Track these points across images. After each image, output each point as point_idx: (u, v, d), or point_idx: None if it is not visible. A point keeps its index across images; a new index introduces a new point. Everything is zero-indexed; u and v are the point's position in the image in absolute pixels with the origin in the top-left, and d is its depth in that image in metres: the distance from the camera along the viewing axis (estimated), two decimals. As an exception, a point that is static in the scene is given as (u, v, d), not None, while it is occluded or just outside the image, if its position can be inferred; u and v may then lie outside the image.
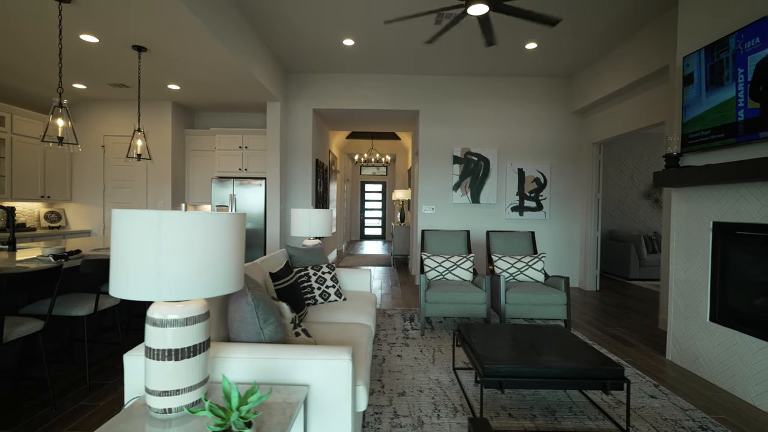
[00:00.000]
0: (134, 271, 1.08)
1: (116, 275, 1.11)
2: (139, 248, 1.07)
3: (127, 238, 1.08)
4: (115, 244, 1.12)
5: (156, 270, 1.07)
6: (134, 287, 1.08)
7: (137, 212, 1.07)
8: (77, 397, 2.36)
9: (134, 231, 1.07)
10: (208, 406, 1.01)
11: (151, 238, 1.07)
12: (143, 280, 1.07)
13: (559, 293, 3.60)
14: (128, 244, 1.08)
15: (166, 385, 1.16)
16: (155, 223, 1.06)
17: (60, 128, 2.82)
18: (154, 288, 1.07)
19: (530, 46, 4.82)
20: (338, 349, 1.49)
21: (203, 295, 1.12)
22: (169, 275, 1.07)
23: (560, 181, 5.98)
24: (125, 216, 1.09)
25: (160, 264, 1.07)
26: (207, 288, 1.13)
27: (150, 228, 1.07)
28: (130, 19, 3.10)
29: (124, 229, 1.09)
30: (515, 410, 2.27)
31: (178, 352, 1.17)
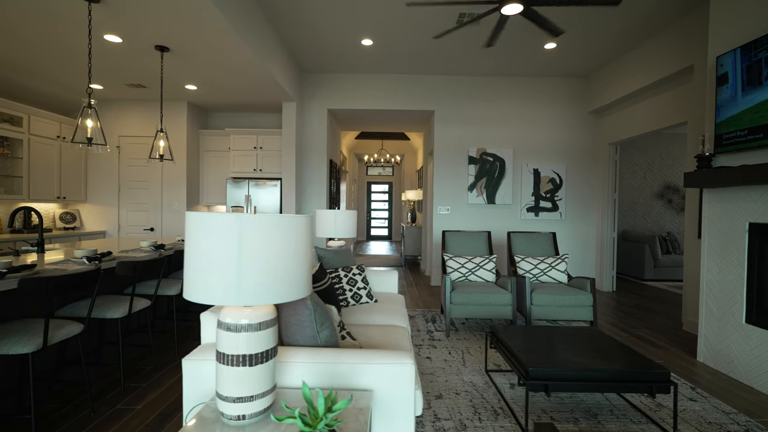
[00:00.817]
0: (214, 275, 1.05)
1: (193, 279, 1.09)
2: (219, 252, 1.05)
3: (205, 242, 1.06)
4: (191, 248, 1.10)
5: (237, 274, 1.04)
6: (214, 292, 1.05)
7: (217, 216, 1.05)
8: (113, 400, 2.34)
9: (214, 235, 1.05)
10: (298, 414, 0.98)
11: (232, 241, 1.04)
12: (223, 285, 1.05)
13: (585, 294, 3.58)
14: (206, 248, 1.06)
15: (241, 391, 1.14)
16: (235, 226, 1.04)
17: (89, 129, 2.80)
18: (235, 293, 1.05)
19: (549, 46, 4.80)
20: (399, 353, 1.47)
21: (281, 299, 1.10)
22: (249, 279, 1.05)
23: (576, 182, 5.96)
24: (203, 219, 1.06)
25: (241, 268, 1.05)
26: (284, 292, 1.11)
27: (230, 231, 1.04)
28: (156, 18, 3.08)
29: (202, 233, 1.07)
30: (556, 413, 2.25)
31: (252, 358, 1.15)
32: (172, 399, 2.37)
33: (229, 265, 1.04)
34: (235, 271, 1.04)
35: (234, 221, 1.04)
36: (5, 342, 1.79)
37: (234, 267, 1.04)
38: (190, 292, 1.11)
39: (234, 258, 1.04)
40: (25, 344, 1.80)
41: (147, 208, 5.68)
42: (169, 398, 2.38)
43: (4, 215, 4.74)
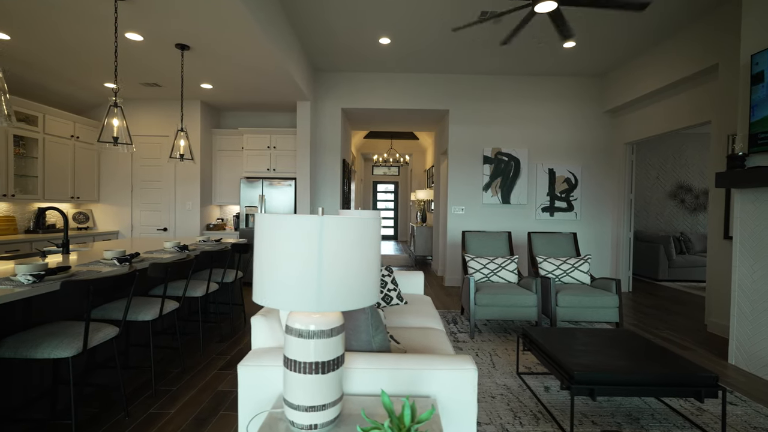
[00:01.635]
0: (291, 279, 1.01)
1: (266, 283, 1.05)
2: (298, 256, 1.01)
3: (282, 245, 1.02)
4: (263, 251, 1.06)
5: (317, 279, 1.01)
6: (292, 297, 1.01)
7: (297, 218, 1.02)
8: (145, 404, 2.31)
9: (293, 237, 1.01)
10: (387, 426, 0.95)
11: (313, 245, 1.00)
12: (303, 290, 1.01)
13: (611, 296, 3.54)
14: (283, 251, 1.02)
15: (313, 399, 1.10)
16: (317, 228, 1.00)
17: (115, 128, 2.76)
18: (315, 298, 1.01)
19: (568, 45, 4.76)
20: (460, 358, 1.43)
21: (358, 304, 1.07)
22: (329, 284, 1.01)
23: (591, 182, 5.92)
24: (282, 221, 1.03)
25: (322, 272, 1.01)
26: (361, 297, 1.07)
27: (311, 234, 1.00)
28: (180, 16, 3.04)
29: (279, 235, 1.03)
30: (597, 417, 2.22)
31: (324, 365, 1.11)
32: (205, 403, 2.33)
33: (309, 269, 1.01)
34: (315, 275, 1.01)
35: (315, 223, 1.00)
36: (45, 346, 1.75)
37: (314, 271, 1.00)
38: (261, 297, 1.07)
39: (314, 262, 1.01)
40: (65, 348, 1.76)
41: (160, 208, 5.64)
42: (201, 402, 2.34)
43: (19, 216, 4.70)
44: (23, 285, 1.75)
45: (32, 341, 1.77)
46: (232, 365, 2.89)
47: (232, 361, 2.97)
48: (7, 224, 4.47)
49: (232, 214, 6.27)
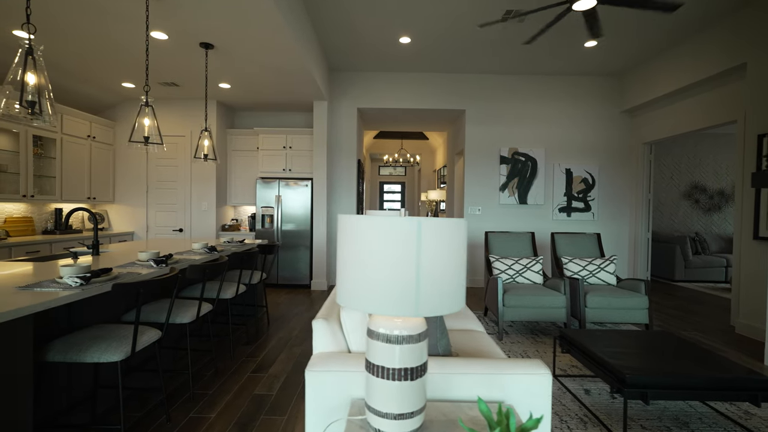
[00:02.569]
0: (388, 284, 0.98)
1: (357, 287, 1.01)
2: (393, 259, 0.97)
3: (375, 248, 0.99)
4: (351, 254, 1.02)
5: (416, 283, 0.97)
6: (388, 301, 0.98)
7: (393, 220, 0.98)
8: (184, 407, 2.27)
9: (388, 240, 0.98)
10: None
11: (410, 247, 0.97)
12: (401, 294, 0.97)
13: (640, 297, 3.51)
14: (376, 254, 0.99)
15: (401, 407, 1.07)
16: (415, 231, 0.97)
17: (146, 128, 2.72)
18: (414, 303, 0.97)
19: (589, 45, 4.73)
20: (533, 362, 1.39)
21: (452, 309, 1.03)
22: (427, 288, 0.98)
23: (608, 182, 5.89)
24: (373, 223, 0.99)
25: (420, 276, 0.97)
26: (454, 301, 1.03)
27: (409, 237, 0.97)
28: (208, 14, 3.00)
29: (371, 238, 0.99)
30: (644, 421, 2.18)
31: (412, 372, 1.07)
32: (244, 407, 2.29)
33: (407, 272, 0.97)
34: (413, 279, 0.97)
35: (414, 225, 0.97)
36: (94, 350, 1.71)
37: (413, 275, 0.97)
38: (349, 300, 1.04)
39: (413, 265, 0.97)
40: (114, 352, 1.72)
41: (175, 209, 5.60)
42: (239, 406, 2.30)
43: (37, 216, 4.66)
44: (72, 287, 1.71)
45: (80, 345, 1.73)
46: (264, 368, 2.85)
47: (262, 363, 2.94)
48: (25, 225, 4.43)
49: (246, 214, 6.23)
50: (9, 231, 4.19)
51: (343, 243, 1.07)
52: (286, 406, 2.30)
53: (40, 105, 1.87)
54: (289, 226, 5.61)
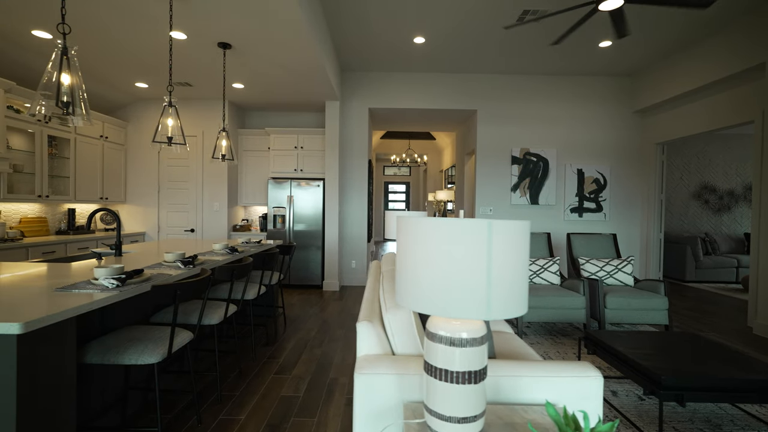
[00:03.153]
0: (458, 286, 0.97)
1: (422, 289, 1.01)
2: (465, 261, 0.96)
3: (443, 250, 0.98)
4: (419, 255, 1.01)
5: (486, 285, 0.96)
6: (459, 304, 0.97)
7: (462, 221, 0.97)
8: (213, 409, 2.26)
9: (458, 242, 0.97)
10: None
11: (481, 249, 0.96)
12: (471, 297, 0.96)
13: (660, 297, 3.50)
14: (444, 256, 0.98)
15: (465, 410, 1.06)
16: (485, 232, 0.96)
17: (170, 128, 2.71)
18: (485, 305, 0.96)
19: (604, 45, 4.72)
20: (581, 364, 1.38)
21: (519, 312, 1.02)
22: (498, 291, 0.97)
23: (620, 182, 5.88)
24: (440, 225, 0.98)
25: (491, 278, 0.96)
26: (520, 304, 1.02)
27: (480, 238, 0.96)
28: (230, 14, 2.99)
29: (438, 239, 0.98)
30: (676, 423, 2.17)
31: (476, 374, 1.06)
32: (273, 408, 2.28)
33: (479, 275, 0.96)
34: (485, 281, 0.96)
35: (484, 227, 0.96)
36: (132, 351, 1.70)
37: (483, 277, 0.96)
38: (414, 303, 1.03)
39: (483, 267, 0.96)
40: (151, 354, 1.71)
41: (187, 209, 5.59)
42: (268, 407, 2.29)
43: (50, 216, 4.65)
44: (109, 289, 1.70)
45: (118, 347, 1.72)
46: (286, 369, 2.84)
47: (285, 365, 2.92)
48: (39, 225, 4.42)
49: (256, 215, 6.22)
50: (24, 231, 4.18)
51: (406, 245, 1.06)
52: (314, 408, 2.29)
53: (73, 104, 1.86)
54: (300, 227, 5.60)
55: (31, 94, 4.01)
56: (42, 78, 1.78)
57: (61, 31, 1.80)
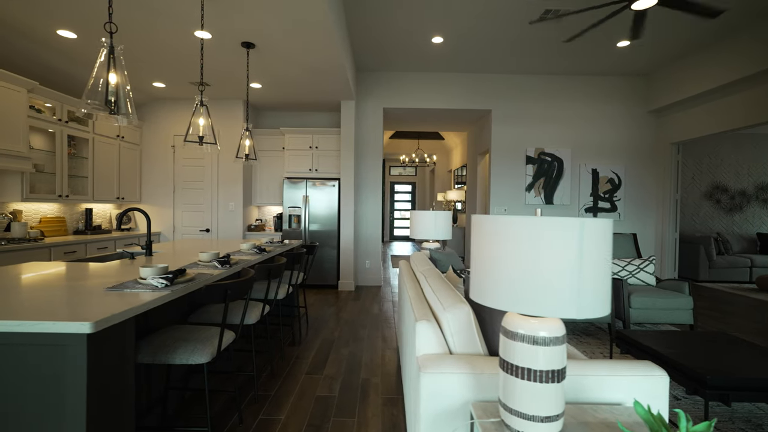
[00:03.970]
0: (548, 285, 0.96)
1: (512, 289, 1.00)
2: (556, 260, 0.96)
3: (533, 248, 0.97)
4: (504, 254, 1.01)
5: (578, 283, 0.96)
6: (546, 302, 0.96)
7: (552, 220, 0.97)
8: (251, 409, 2.25)
9: (548, 240, 0.96)
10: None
11: (573, 247, 0.95)
12: (562, 295, 0.96)
13: (684, 297, 3.50)
14: (533, 254, 0.97)
15: (548, 409, 1.05)
16: (577, 231, 0.95)
17: (201, 127, 2.70)
18: (575, 304, 0.96)
19: (622, 44, 4.72)
20: (645, 363, 1.38)
21: (605, 311, 1.01)
22: (588, 289, 0.96)
23: (635, 182, 5.88)
24: (526, 224, 0.98)
25: (582, 277, 0.96)
26: (605, 302, 1.02)
27: (571, 237, 0.95)
28: (257, 13, 2.98)
29: (525, 238, 0.98)
30: (718, 423, 2.16)
31: (558, 373, 1.06)
32: (311, 408, 2.28)
33: (569, 273, 0.96)
34: (576, 280, 0.96)
35: (576, 225, 0.95)
36: (182, 351, 1.70)
37: (575, 275, 0.95)
38: (498, 301, 1.03)
39: (575, 266, 0.96)
40: (200, 354, 1.71)
41: (202, 209, 5.59)
42: (305, 408, 2.29)
43: (68, 216, 4.64)
44: (159, 288, 1.70)
45: (167, 346, 1.71)
46: (317, 370, 2.84)
47: (314, 365, 2.92)
48: (58, 225, 4.41)
49: (270, 215, 6.21)
50: (44, 231, 4.17)
51: (487, 244, 1.06)
52: (352, 408, 2.29)
53: (119, 104, 1.86)
54: (315, 227, 5.60)
55: (53, 95, 4.01)
56: (89, 77, 1.77)
57: (108, 30, 1.80)
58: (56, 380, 1.21)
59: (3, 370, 1.21)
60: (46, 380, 1.21)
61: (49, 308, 1.33)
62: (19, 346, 1.21)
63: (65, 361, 1.21)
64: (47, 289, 1.62)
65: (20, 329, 1.18)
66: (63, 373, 1.21)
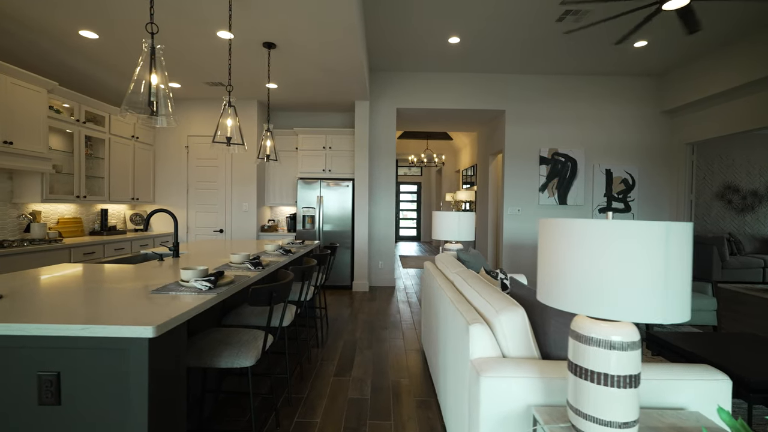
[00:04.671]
0: (631, 288, 0.95)
1: (592, 293, 0.99)
2: (641, 264, 0.95)
3: (615, 252, 0.96)
4: (579, 258, 1.00)
5: (664, 287, 0.94)
6: (631, 306, 0.95)
7: (636, 224, 0.95)
8: (285, 412, 2.24)
9: (631, 244, 0.95)
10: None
11: (659, 251, 0.94)
12: (648, 299, 0.95)
13: (708, 298, 3.49)
14: (614, 259, 0.96)
15: (626, 415, 1.04)
16: (663, 235, 0.94)
17: (229, 128, 2.69)
18: (662, 308, 0.94)
19: (639, 44, 4.71)
20: (705, 367, 1.37)
21: (687, 316, 1.00)
22: (675, 293, 0.95)
23: (648, 182, 5.87)
24: (613, 229, 0.96)
25: (668, 280, 0.94)
26: (688, 307, 1.01)
27: (658, 241, 0.94)
28: (282, 13, 2.97)
29: (611, 243, 0.97)
30: (756, 426, 2.15)
31: (636, 378, 1.05)
32: (345, 411, 2.27)
33: (655, 277, 0.94)
34: (662, 283, 0.94)
35: (662, 229, 0.94)
36: (227, 354, 1.68)
37: (661, 279, 0.94)
38: (575, 305, 1.01)
39: (661, 269, 0.94)
40: (245, 357, 1.70)
41: (216, 209, 5.57)
42: (340, 410, 2.28)
43: (84, 217, 4.62)
44: (203, 291, 1.68)
45: (212, 349, 1.70)
46: (344, 372, 2.82)
47: (341, 366, 2.91)
48: (75, 226, 4.40)
49: (282, 215, 6.20)
50: (62, 232, 4.16)
51: (563, 248, 1.05)
52: (386, 411, 2.28)
53: (158, 105, 1.85)
54: (328, 227, 5.58)
55: (72, 95, 3.99)
56: (131, 79, 1.76)
57: (149, 31, 1.78)
58: (118, 384, 1.20)
59: (68, 373, 1.20)
60: (107, 384, 1.20)
61: (106, 312, 1.31)
62: (82, 350, 1.20)
63: (127, 364, 1.20)
64: (92, 292, 1.61)
65: (84, 333, 1.17)
66: (125, 377, 1.20)
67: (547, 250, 1.11)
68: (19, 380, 1.21)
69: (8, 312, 1.30)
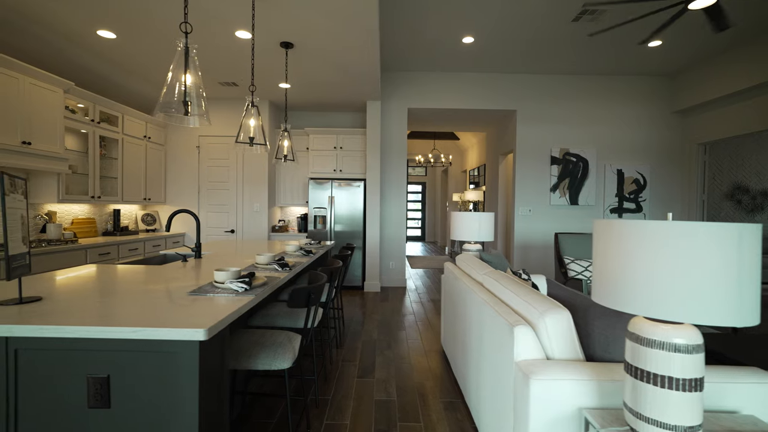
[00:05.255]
0: (704, 292, 0.94)
1: (662, 295, 0.98)
2: (714, 266, 0.93)
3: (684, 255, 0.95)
4: (646, 259, 0.99)
5: (737, 290, 0.93)
6: (702, 309, 0.94)
7: (704, 225, 0.94)
8: (314, 413, 2.23)
9: (703, 247, 0.94)
10: None
11: (732, 254, 0.93)
12: (720, 303, 0.93)
13: (728, 299, 3.46)
14: (684, 260, 0.95)
15: (692, 419, 1.02)
16: (736, 237, 0.93)
17: (251, 128, 2.68)
18: (736, 312, 0.93)
19: (654, 44, 4.69)
20: (755, 370, 1.36)
21: (757, 320, 0.99)
22: (749, 297, 0.94)
23: (660, 183, 5.85)
24: (683, 231, 0.95)
25: (742, 284, 0.93)
26: (759, 309, 0.99)
27: (730, 243, 0.93)
28: (303, 13, 2.95)
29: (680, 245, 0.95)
30: (787, 427, 2.14)
31: (701, 381, 1.03)
32: (374, 414, 2.25)
33: (729, 280, 0.93)
34: (735, 286, 0.93)
35: (734, 231, 0.93)
36: (263, 356, 1.67)
37: (734, 282, 0.93)
38: (642, 307, 1.00)
39: (734, 272, 0.93)
40: (282, 359, 1.68)
41: (227, 210, 5.56)
42: (368, 412, 2.26)
43: (97, 217, 4.61)
44: (240, 293, 1.67)
45: (247, 351, 1.69)
46: (367, 373, 2.81)
47: (363, 368, 2.89)
48: (89, 226, 4.39)
49: (292, 215, 6.19)
50: (76, 232, 4.15)
51: (628, 250, 1.03)
52: (415, 413, 2.26)
53: (191, 104, 1.83)
54: (339, 227, 5.57)
55: (87, 95, 3.98)
56: (165, 79, 1.75)
57: (183, 30, 1.77)
58: (167, 387, 1.19)
59: (117, 376, 1.19)
60: (156, 387, 1.19)
61: (151, 314, 1.30)
62: (131, 352, 1.19)
63: (177, 367, 1.18)
64: (128, 294, 1.59)
65: (135, 336, 1.16)
66: (175, 380, 1.18)
67: (604, 252, 1.10)
68: (68, 383, 1.20)
69: (51, 314, 1.29)
